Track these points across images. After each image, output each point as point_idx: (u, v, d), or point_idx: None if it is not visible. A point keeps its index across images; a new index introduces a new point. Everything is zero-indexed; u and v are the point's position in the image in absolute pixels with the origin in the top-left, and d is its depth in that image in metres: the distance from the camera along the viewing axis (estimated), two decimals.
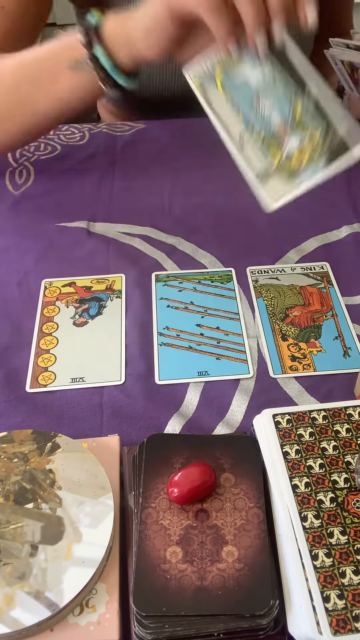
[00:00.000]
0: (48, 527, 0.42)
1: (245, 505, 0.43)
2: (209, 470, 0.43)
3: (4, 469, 0.45)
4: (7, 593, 0.39)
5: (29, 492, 0.44)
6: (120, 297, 0.64)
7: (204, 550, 0.40)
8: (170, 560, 0.40)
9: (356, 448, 0.45)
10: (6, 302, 0.64)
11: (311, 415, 0.47)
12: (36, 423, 0.53)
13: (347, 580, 0.38)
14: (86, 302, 0.63)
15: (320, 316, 0.61)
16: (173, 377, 0.56)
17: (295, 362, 0.57)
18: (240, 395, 0.55)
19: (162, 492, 0.43)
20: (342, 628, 0.36)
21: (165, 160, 0.82)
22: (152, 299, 0.64)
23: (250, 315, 0.62)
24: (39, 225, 0.73)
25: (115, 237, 0.71)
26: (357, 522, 0.41)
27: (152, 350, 0.59)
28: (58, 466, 0.45)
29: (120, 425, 0.53)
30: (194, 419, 0.53)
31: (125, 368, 0.57)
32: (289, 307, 0.62)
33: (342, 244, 0.70)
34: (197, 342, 0.59)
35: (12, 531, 0.42)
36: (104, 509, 0.43)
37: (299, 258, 0.68)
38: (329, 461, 0.44)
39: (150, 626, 0.37)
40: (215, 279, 0.66)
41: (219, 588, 0.38)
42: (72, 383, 0.56)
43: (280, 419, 0.47)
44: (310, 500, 0.42)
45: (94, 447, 0.48)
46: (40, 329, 0.61)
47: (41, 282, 0.66)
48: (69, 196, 0.77)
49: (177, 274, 0.66)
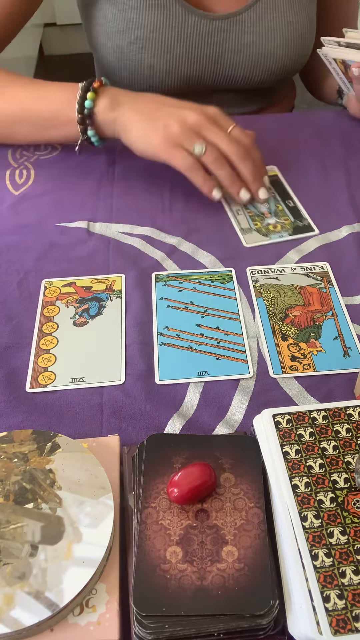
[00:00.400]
0: (48, 527, 0.42)
1: (245, 505, 0.43)
2: (209, 470, 0.43)
3: (4, 469, 0.45)
4: (7, 593, 0.39)
5: (29, 492, 0.44)
6: (120, 297, 0.64)
7: (204, 550, 0.40)
8: (170, 560, 0.40)
9: (356, 448, 0.45)
10: (6, 302, 0.64)
11: (311, 415, 0.47)
12: (36, 423, 0.53)
13: (347, 580, 0.38)
14: (86, 302, 0.63)
15: (320, 316, 0.61)
16: (173, 377, 0.56)
17: (295, 362, 0.57)
18: (240, 395, 0.55)
19: (162, 492, 0.43)
20: (342, 628, 0.36)
21: None
22: (152, 299, 0.64)
23: (250, 315, 0.62)
24: (39, 225, 0.73)
25: (115, 237, 0.71)
26: (357, 522, 0.41)
27: (152, 350, 0.59)
28: (58, 466, 0.45)
29: (120, 425, 0.53)
30: (194, 419, 0.53)
31: (125, 368, 0.57)
32: (289, 307, 0.62)
33: (342, 244, 0.70)
34: (197, 342, 0.59)
35: (12, 531, 0.42)
36: (104, 509, 0.43)
37: (299, 258, 0.68)
38: (329, 461, 0.44)
39: (150, 626, 0.37)
40: (215, 279, 0.66)
41: (219, 588, 0.38)
42: (72, 383, 0.56)
43: (280, 419, 0.47)
44: (310, 500, 0.42)
45: (94, 447, 0.48)
46: (40, 329, 0.61)
47: (41, 282, 0.66)
48: (69, 196, 0.77)
49: (177, 274, 0.66)
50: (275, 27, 0.85)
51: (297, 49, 0.88)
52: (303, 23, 0.87)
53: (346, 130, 0.88)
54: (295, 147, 0.85)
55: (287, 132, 0.88)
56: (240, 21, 0.85)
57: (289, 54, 0.88)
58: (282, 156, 0.83)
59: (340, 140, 0.86)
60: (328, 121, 0.90)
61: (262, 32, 0.85)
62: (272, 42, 0.86)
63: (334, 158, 0.83)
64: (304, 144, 0.86)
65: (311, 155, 0.83)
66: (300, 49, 0.89)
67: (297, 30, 0.87)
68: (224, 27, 0.84)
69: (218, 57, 0.86)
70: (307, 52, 0.92)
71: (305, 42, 0.89)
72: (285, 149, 0.85)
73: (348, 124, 0.89)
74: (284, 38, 0.86)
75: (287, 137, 0.87)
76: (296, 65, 0.91)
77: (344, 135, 0.87)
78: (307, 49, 0.91)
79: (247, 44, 0.86)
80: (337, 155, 0.83)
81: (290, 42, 0.87)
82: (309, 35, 0.90)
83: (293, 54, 0.88)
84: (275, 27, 0.85)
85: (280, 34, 0.86)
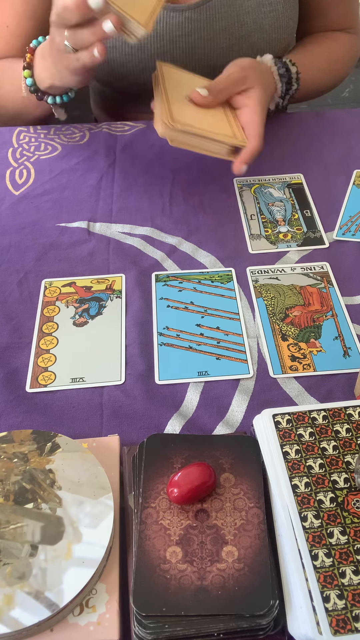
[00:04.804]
0: (48, 527, 0.42)
1: (245, 505, 0.43)
2: (209, 470, 0.43)
3: (4, 469, 0.45)
4: (7, 593, 0.39)
5: (29, 492, 0.44)
6: (120, 297, 0.64)
7: (204, 550, 0.40)
8: (170, 560, 0.40)
9: (356, 448, 0.45)
10: (6, 302, 0.64)
11: (311, 415, 0.47)
12: (36, 423, 0.53)
13: (347, 580, 0.38)
14: (86, 302, 0.63)
15: (320, 316, 0.61)
16: (173, 377, 0.56)
17: (295, 362, 0.57)
18: (240, 395, 0.55)
19: (162, 492, 0.43)
20: (342, 628, 0.36)
21: (165, 160, 0.82)
22: (152, 299, 0.64)
23: (250, 315, 0.62)
24: (39, 225, 0.73)
25: (115, 237, 0.71)
26: (357, 522, 0.41)
27: (152, 350, 0.59)
28: (58, 466, 0.45)
29: (120, 425, 0.53)
30: (194, 419, 0.53)
31: (125, 368, 0.57)
32: (289, 307, 0.62)
33: (342, 244, 0.70)
34: (197, 342, 0.59)
35: (12, 531, 0.42)
36: (104, 509, 0.43)
37: (299, 258, 0.68)
38: (329, 461, 0.44)
39: (150, 626, 0.37)
40: (215, 279, 0.66)
41: (219, 588, 0.38)
42: (72, 383, 0.56)
43: (280, 419, 0.47)
44: (310, 500, 0.42)
45: (94, 447, 0.48)
46: (40, 329, 0.61)
47: (41, 282, 0.66)
48: (69, 196, 0.77)
49: (177, 274, 0.66)
50: (247, 10, 0.81)
51: (274, 33, 0.84)
52: (277, 4, 0.83)
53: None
54: (323, 155, 0.84)
55: (315, 133, 0.87)
56: (210, 8, 0.81)
57: (266, 38, 0.84)
58: (310, 163, 0.82)
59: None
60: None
61: (234, 17, 0.81)
62: (245, 27, 0.82)
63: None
64: (329, 150, 0.84)
65: (339, 164, 0.82)
66: (278, 33, 0.84)
67: (271, 13, 0.83)
68: (194, 16, 0.81)
69: (191, 47, 0.83)
70: (284, 36, 0.86)
71: (282, 25, 0.84)
72: (313, 155, 0.83)
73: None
74: (257, 22, 0.82)
75: (314, 141, 0.86)
76: (275, 50, 0.85)
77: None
78: (284, 33, 0.86)
79: (218, 30, 0.82)
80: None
81: (265, 25, 0.83)
82: (286, 18, 0.85)
83: (271, 38, 0.84)
84: (247, 10, 0.81)
85: (253, 17, 0.82)
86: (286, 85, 0.80)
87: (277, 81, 0.79)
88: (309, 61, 0.86)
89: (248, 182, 0.79)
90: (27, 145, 0.85)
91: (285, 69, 0.79)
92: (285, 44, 0.88)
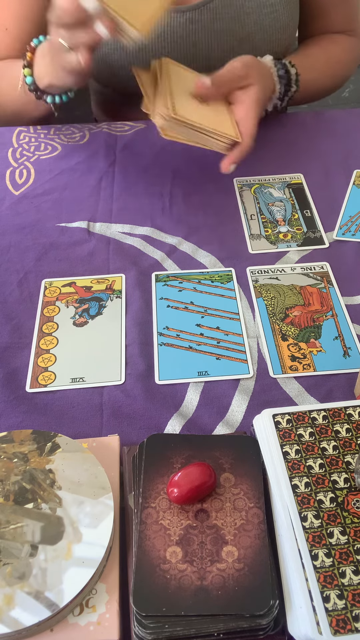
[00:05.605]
0: (48, 527, 0.42)
1: (245, 505, 0.43)
2: (209, 470, 0.43)
3: (4, 469, 0.45)
4: (7, 593, 0.39)
5: (29, 492, 0.44)
6: (120, 297, 0.64)
7: (204, 550, 0.40)
8: (170, 560, 0.40)
9: (356, 448, 0.45)
10: (6, 302, 0.64)
11: (311, 415, 0.47)
12: (36, 423, 0.53)
13: (347, 580, 0.38)
14: (86, 302, 0.63)
15: (320, 316, 0.61)
16: (173, 377, 0.56)
17: (295, 362, 0.57)
18: (240, 395, 0.55)
19: (162, 492, 0.43)
20: (342, 628, 0.36)
21: (165, 160, 0.82)
22: (152, 299, 0.64)
23: (250, 315, 0.62)
24: (39, 225, 0.73)
25: (115, 237, 0.71)
26: (357, 522, 0.41)
27: (152, 350, 0.59)
28: (58, 466, 0.45)
29: (120, 425, 0.53)
30: (194, 419, 0.53)
31: (125, 368, 0.57)
32: (289, 307, 0.62)
33: (342, 244, 0.70)
34: (197, 342, 0.59)
35: (12, 531, 0.42)
36: (104, 509, 0.43)
37: (299, 258, 0.68)
38: (329, 461, 0.44)
39: (150, 626, 0.37)
40: (215, 279, 0.66)
41: (219, 588, 0.38)
42: (72, 383, 0.56)
43: (280, 419, 0.47)
44: (310, 500, 0.42)
45: (94, 447, 0.48)
46: (40, 329, 0.61)
47: (41, 282, 0.66)
48: (69, 196, 0.77)
49: (177, 274, 0.66)
50: (248, 11, 0.81)
51: (275, 34, 0.84)
52: (278, 5, 0.82)
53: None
54: (323, 155, 0.84)
55: (314, 134, 0.87)
56: (211, 9, 0.80)
57: (266, 38, 0.83)
58: (310, 163, 0.82)
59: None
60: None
61: (234, 18, 0.81)
62: (246, 28, 0.82)
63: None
64: (332, 151, 0.84)
65: (339, 164, 0.82)
66: (278, 34, 0.84)
67: (272, 14, 0.82)
68: (194, 17, 0.81)
69: (191, 48, 0.83)
70: (285, 37, 0.86)
71: (283, 26, 0.84)
72: (313, 155, 0.83)
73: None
74: (258, 23, 0.82)
75: (314, 141, 0.86)
76: (276, 51, 0.84)
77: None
78: (284, 33, 0.86)
79: (219, 31, 0.82)
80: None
81: (265, 26, 0.82)
82: (287, 19, 0.85)
83: (271, 39, 0.84)
84: (247, 11, 0.81)
85: (254, 18, 0.81)
86: (285, 87, 0.80)
87: (276, 82, 0.79)
88: (309, 63, 0.86)
89: (248, 182, 0.79)
90: (27, 145, 0.85)
91: (285, 70, 0.79)
92: (286, 44, 0.88)
